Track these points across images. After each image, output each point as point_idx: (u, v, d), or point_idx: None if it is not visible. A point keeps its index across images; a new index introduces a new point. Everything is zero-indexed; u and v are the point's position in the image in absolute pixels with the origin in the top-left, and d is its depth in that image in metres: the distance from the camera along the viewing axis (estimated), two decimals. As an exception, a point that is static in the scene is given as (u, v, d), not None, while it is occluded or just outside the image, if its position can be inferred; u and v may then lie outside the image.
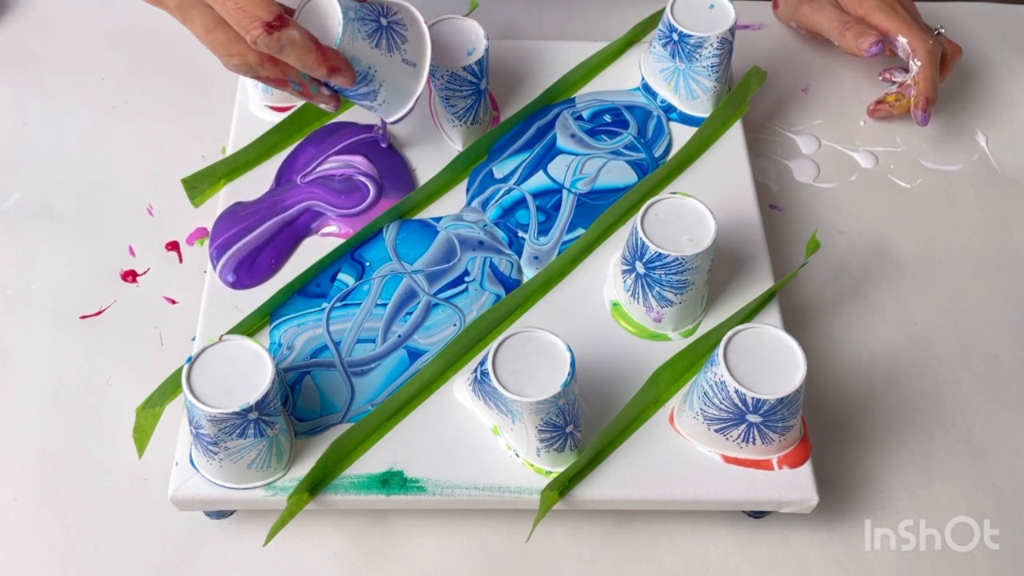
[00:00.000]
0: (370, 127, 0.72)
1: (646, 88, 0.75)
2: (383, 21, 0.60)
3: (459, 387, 0.60)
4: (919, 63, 0.76)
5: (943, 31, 0.78)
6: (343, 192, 0.68)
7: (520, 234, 0.67)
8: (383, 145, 0.70)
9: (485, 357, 0.54)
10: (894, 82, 0.80)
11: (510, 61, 0.75)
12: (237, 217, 0.66)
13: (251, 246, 0.65)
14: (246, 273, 0.64)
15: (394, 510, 0.61)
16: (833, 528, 0.62)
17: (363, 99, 0.63)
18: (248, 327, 0.62)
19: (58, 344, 0.67)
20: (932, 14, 0.84)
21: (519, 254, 0.66)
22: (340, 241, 0.66)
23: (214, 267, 0.64)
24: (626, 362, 0.62)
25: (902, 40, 0.76)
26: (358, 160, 0.69)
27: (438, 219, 0.68)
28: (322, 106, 0.62)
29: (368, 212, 0.67)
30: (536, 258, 0.66)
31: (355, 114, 0.72)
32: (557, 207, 0.69)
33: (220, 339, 0.54)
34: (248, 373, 0.53)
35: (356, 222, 0.67)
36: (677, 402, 0.61)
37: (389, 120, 0.65)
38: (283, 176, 0.69)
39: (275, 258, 0.65)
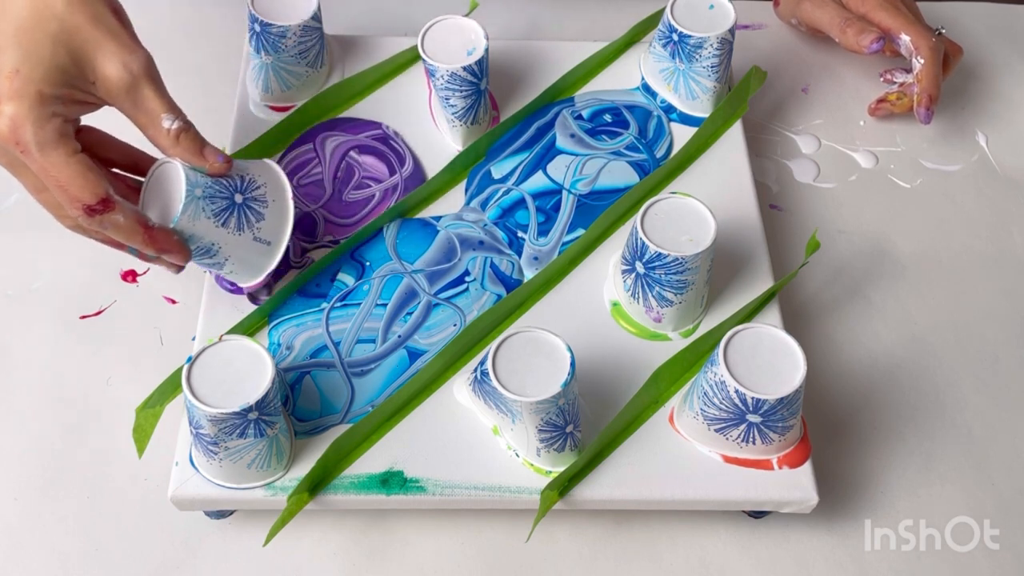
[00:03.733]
0: (377, 124, 0.72)
1: (646, 88, 0.75)
2: (238, 198, 0.57)
3: (459, 387, 0.60)
4: (922, 60, 0.75)
5: (944, 31, 0.78)
6: (347, 203, 0.68)
7: (520, 234, 0.67)
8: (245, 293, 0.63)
9: (485, 357, 0.54)
10: (895, 82, 0.80)
11: (510, 61, 0.75)
12: None
13: None
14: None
15: (394, 510, 0.61)
16: (833, 528, 0.62)
17: (209, 267, 0.60)
18: (248, 327, 0.62)
19: (58, 344, 0.67)
20: (933, 14, 0.84)
21: (519, 254, 0.66)
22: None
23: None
24: (626, 362, 0.62)
25: (905, 38, 0.76)
26: (367, 161, 0.69)
27: (438, 218, 0.68)
28: (164, 268, 0.59)
29: (368, 216, 0.67)
30: (536, 259, 0.66)
31: (358, 111, 0.72)
32: (557, 208, 0.69)
33: (220, 339, 0.54)
34: (248, 373, 0.53)
35: (355, 228, 0.67)
36: (677, 402, 0.61)
37: (241, 285, 0.62)
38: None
39: (281, 266, 0.65)
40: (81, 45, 0.50)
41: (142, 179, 0.57)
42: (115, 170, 0.58)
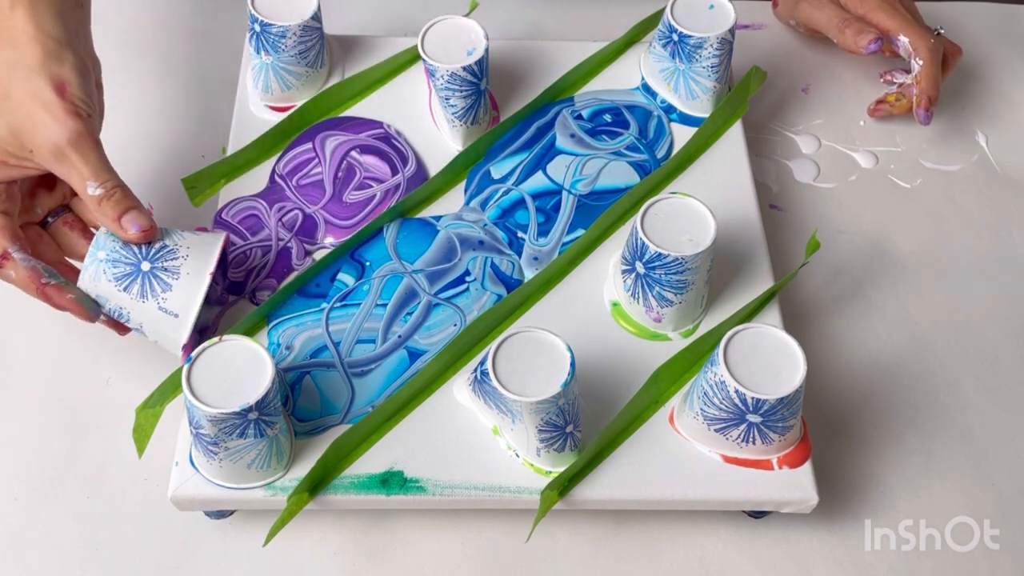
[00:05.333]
0: (378, 123, 0.72)
1: (646, 88, 0.75)
2: (144, 266, 0.56)
3: (459, 387, 0.60)
4: (921, 62, 0.76)
5: (943, 31, 0.78)
6: (348, 204, 0.68)
7: (520, 234, 0.67)
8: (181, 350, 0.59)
9: (485, 357, 0.54)
10: (895, 83, 0.80)
11: (510, 61, 0.75)
12: (232, 228, 0.66)
13: (251, 264, 0.65)
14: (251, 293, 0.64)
15: (394, 510, 0.61)
16: (833, 528, 0.62)
17: (135, 330, 0.59)
18: (248, 327, 0.62)
19: (58, 344, 0.67)
20: (932, 14, 0.84)
21: (519, 254, 0.66)
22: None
23: None
24: (626, 362, 0.62)
25: (903, 39, 0.76)
26: (369, 161, 0.69)
27: (438, 218, 0.68)
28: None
29: (369, 217, 0.67)
30: (536, 259, 0.66)
31: (358, 111, 0.72)
32: (557, 208, 0.69)
33: (220, 339, 0.54)
34: (248, 373, 0.53)
35: (355, 230, 0.67)
36: (677, 402, 0.61)
37: (174, 353, 0.59)
38: (279, 175, 0.69)
39: (283, 270, 0.65)
40: (19, 119, 0.55)
41: None
42: None
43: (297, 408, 0.59)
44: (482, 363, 0.55)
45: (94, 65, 0.60)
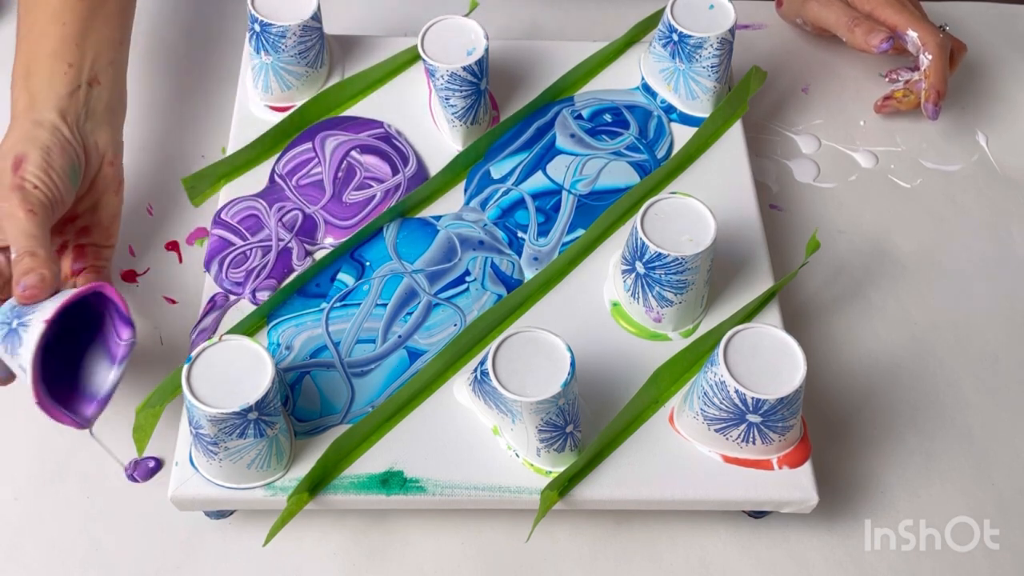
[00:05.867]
0: (378, 123, 0.71)
1: (646, 88, 0.75)
2: (14, 323, 0.55)
3: (459, 387, 0.60)
4: (930, 56, 0.75)
5: (948, 28, 0.78)
6: (348, 204, 0.68)
7: (520, 235, 0.67)
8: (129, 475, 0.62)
9: (485, 357, 0.54)
10: (899, 80, 0.80)
11: (510, 61, 0.75)
12: (232, 228, 0.66)
13: (251, 264, 0.65)
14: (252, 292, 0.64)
15: (394, 510, 0.61)
16: (833, 528, 0.62)
17: None
18: (248, 327, 0.62)
19: (58, 344, 0.67)
20: (934, 13, 0.84)
21: (519, 255, 0.66)
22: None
23: (207, 270, 0.64)
24: (626, 362, 0.62)
25: (912, 34, 0.76)
26: (369, 161, 0.69)
27: (438, 218, 0.68)
28: None
29: (370, 217, 0.67)
30: (536, 259, 0.66)
31: (357, 111, 0.72)
32: (557, 208, 0.69)
33: (220, 339, 0.54)
34: (248, 373, 0.53)
35: (355, 230, 0.67)
36: (677, 402, 0.61)
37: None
38: (279, 175, 0.69)
39: (283, 270, 0.65)
40: None
41: None
42: None
43: (297, 408, 0.59)
44: (482, 363, 0.55)
45: (94, 147, 0.62)
